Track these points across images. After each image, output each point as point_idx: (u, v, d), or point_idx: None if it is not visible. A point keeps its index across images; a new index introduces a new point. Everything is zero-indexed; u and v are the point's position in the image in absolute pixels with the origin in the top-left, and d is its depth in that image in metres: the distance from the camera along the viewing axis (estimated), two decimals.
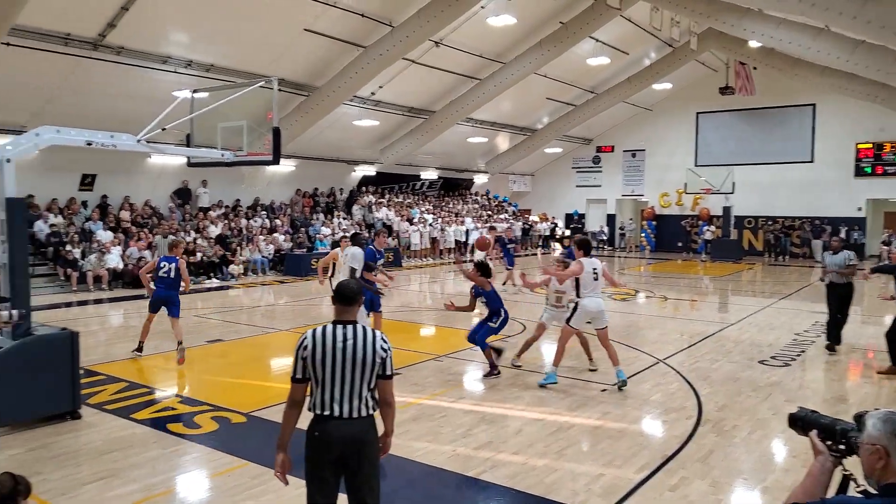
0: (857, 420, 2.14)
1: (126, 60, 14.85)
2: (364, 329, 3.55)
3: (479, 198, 32.58)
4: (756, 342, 10.71)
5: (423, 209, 27.77)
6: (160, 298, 9.46)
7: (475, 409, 7.13)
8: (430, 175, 29.49)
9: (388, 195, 28.23)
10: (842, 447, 2.17)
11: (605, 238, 31.69)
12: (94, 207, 18.42)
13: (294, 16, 15.59)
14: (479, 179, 32.49)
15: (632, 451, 5.93)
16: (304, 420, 3.55)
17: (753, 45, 22.25)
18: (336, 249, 13.38)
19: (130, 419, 6.74)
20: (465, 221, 27.65)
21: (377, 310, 9.57)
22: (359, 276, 8.96)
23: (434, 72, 20.52)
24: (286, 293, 16.79)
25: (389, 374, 3.56)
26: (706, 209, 29.17)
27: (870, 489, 2.08)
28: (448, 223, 26.88)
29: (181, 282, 9.46)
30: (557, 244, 30.60)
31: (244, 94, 8.59)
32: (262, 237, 20.93)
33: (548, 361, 8.71)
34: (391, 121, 23.22)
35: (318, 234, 22.20)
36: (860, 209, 26.28)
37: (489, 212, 30.70)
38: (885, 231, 25.25)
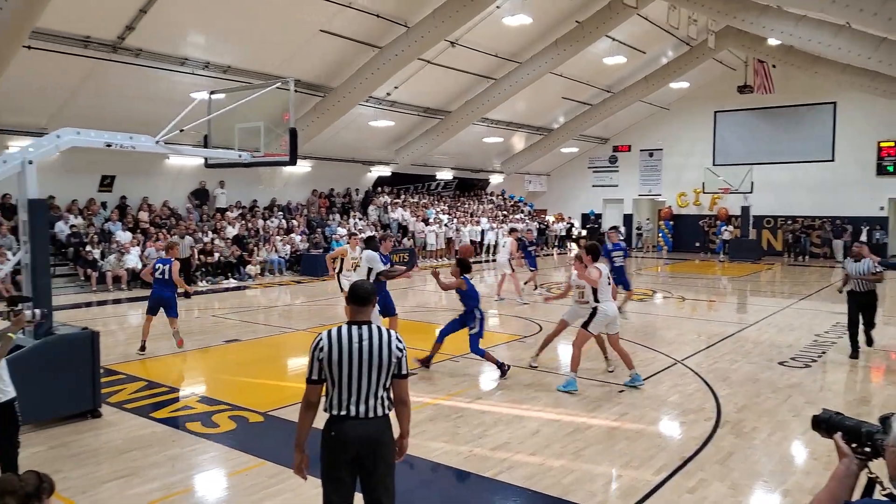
0: (883, 422, 2.11)
1: (144, 62, 15.01)
2: (379, 329, 3.56)
3: (495, 198, 32.51)
4: (775, 343, 10.57)
5: (439, 209, 27.78)
6: (156, 299, 9.77)
7: (492, 410, 7.11)
8: (446, 175, 29.49)
9: (404, 195, 28.29)
10: (867, 450, 2.14)
11: (622, 238, 31.40)
12: (114, 208, 18.64)
13: (310, 17, 15.66)
14: (495, 179, 32.45)
15: (649, 453, 5.88)
16: (319, 420, 3.56)
17: (772, 43, 22.00)
18: (346, 245, 13.44)
19: (150, 418, 6.80)
20: (481, 222, 27.63)
21: (392, 314, 9.53)
22: (374, 279, 8.99)
23: (449, 72, 20.51)
24: (303, 293, 16.86)
25: (405, 374, 3.58)
26: (724, 209, 28.89)
27: None
28: (463, 223, 26.87)
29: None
30: (574, 244, 30.46)
31: (261, 96, 8.65)
32: (279, 238, 21.07)
33: (564, 363, 8.65)
34: (406, 121, 23.26)
35: (335, 235, 22.29)
36: (882, 208, 25.85)
37: (505, 212, 30.64)
38: None
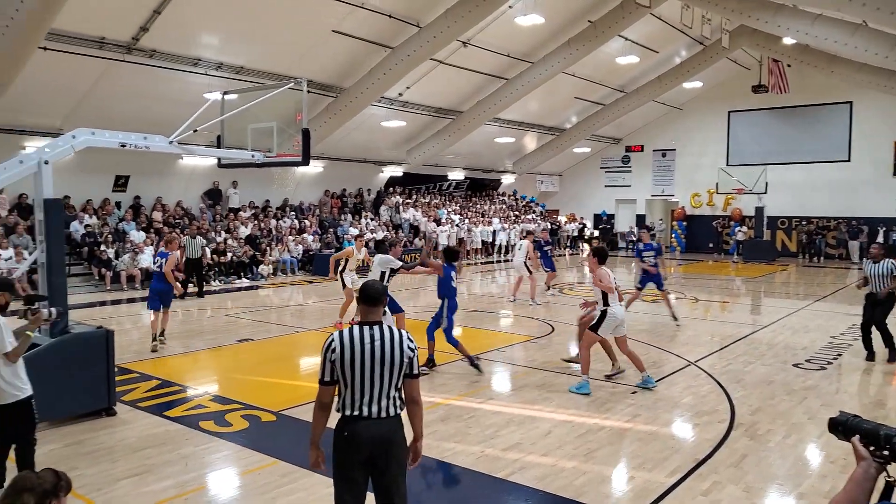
0: None
1: (158, 63, 15.13)
2: (390, 329, 3.57)
3: (507, 198, 32.47)
4: (790, 345, 10.48)
5: (451, 209, 27.78)
6: (154, 291, 9.86)
7: (503, 410, 7.10)
8: (457, 175, 29.49)
9: (416, 196, 28.32)
10: (885, 453, 2.11)
11: (635, 238, 31.31)
12: (128, 208, 18.78)
13: (322, 17, 15.72)
14: (507, 179, 32.40)
15: (663, 455, 5.85)
16: (332, 420, 3.57)
17: (787, 42, 21.81)
18: (352, 246, 13.42)
19: (163, 416, 6.85)
20: (493, 222, 27.60)
21: (399, 311, 9.62)
22: (389, 278, 9.06)
23: (461, 72, 20.51)
24: (315, 293, 16.92)
25: (416, 373, 3.59)
26: (738, 209, 28.68)
27: None
28: (475, 223, 26.85)
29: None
30: (586, 245, 30.36)
31: (274, 96, 8.68)
32: (292, 237, 21.15)
33: (576, 366, 8.62)
34: (418, 121, 23.28)
35: (346, 235, 22.35)
36: None
37: (516, 212, 30.59)
38: None
